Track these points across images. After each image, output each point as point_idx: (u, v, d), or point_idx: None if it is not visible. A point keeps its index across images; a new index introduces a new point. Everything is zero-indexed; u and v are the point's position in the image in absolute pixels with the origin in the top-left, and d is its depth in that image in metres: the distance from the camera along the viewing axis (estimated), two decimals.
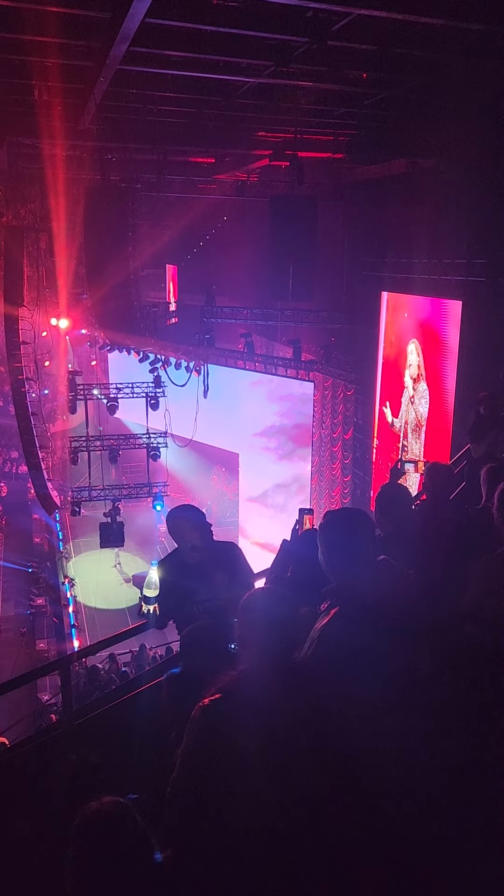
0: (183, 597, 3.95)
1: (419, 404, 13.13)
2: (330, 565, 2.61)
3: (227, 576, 3.93)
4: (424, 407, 12.99)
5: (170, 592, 3.99)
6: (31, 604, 21.70)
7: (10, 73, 9.13)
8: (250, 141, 12.64)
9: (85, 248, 12.47)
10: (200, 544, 3.96)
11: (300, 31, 7.34)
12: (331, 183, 14.09)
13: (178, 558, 4.04)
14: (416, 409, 13.27)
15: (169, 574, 4.02)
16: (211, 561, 3.97)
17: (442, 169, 11.08)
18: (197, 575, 3.95)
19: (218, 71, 8.81)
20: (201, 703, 2.20)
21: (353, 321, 15.45)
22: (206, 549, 3.98)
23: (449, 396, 11.82)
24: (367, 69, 8.74)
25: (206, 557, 3.97)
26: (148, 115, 10.66)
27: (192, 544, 3.95)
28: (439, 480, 4.83)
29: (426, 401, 12.88)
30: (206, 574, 3.94)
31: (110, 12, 6.67)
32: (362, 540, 2.62)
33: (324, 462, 18.23)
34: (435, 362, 12.40)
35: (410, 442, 13.53)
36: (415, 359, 13.04)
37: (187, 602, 3.93)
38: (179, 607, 3.97)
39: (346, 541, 2.60)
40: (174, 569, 4.03)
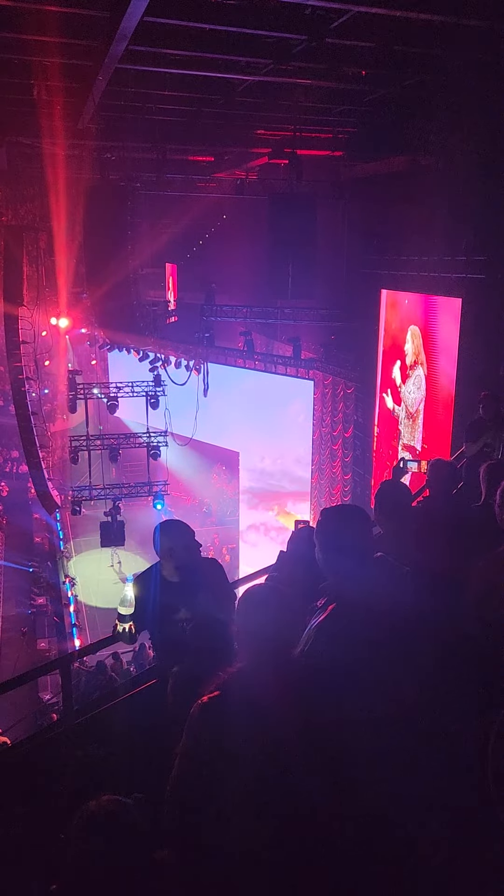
0: (162, 615, 3.79)
1: (413, 391, 13.13)
2: (326, 562, 2.61)
3: (210, 594, 3.78)
4: (417, 393, 12.98)
5: (147, 610, 3.80)
6: (31, 603, 21.73)
7: (10, 72, 9.13)
8: (249, 139, 12.64)
9: (84, 247, 12.47)
10: (186, 563, 3.79)
11: (299, 29, 7.34)
12: (330, 181, 14.07)
13: (158, 574, 3.86)
14: (411, 395, 13.28)
15: (147, 591, 3.82)
16: (194, 579, 3.80)
17: (441, 166, 11.06)
18: (178, 592, 3.78)
19: (217, 69, 8.80)
20: (200, 700, 2.20)
21: (352, 319, 15.45)
22: (190, 566, 3.81)
23: (449, 393, 11.82)
24: (365, 66, 8.74)
25: (190, 575, 3.80)
26: (147, 113, 10.66)
27: (179, 563, 3.77)
28: (442, 477, 4.83)
29: (421, 388, 12.86)
30: (189, 592, 3.79)
31: (109, 11, 6.67)
32: (359, 536, 2.62)
33: (324, 460, 18.23)
34: (434, 356, 12.40)
35: (404, 428, 13.52)
36: (411, 346, 13.02)
37: (166, 621, 3.78)
38: (157, 625, 3.83)
39: (342, 537, 2.59)
40: (153, 585, 3.84)
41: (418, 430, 13.18)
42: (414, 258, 12.52)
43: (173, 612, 3.77)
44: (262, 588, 2.58)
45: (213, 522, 27.76)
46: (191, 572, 3.79)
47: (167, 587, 3.80)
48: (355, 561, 2.53)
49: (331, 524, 2.66)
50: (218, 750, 2.07)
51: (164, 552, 3.79)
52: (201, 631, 3.61)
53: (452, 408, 11.64)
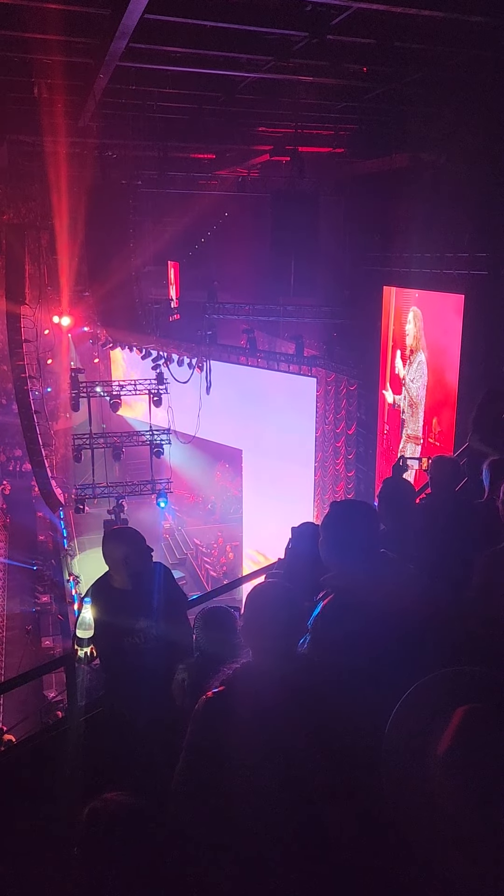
0: (120, 628, 3.66)
1: (416, 378, 13.12)
2: (330, 555, 2.61)
3: (164, 597, 3.72)
4: (420, 380, 12.97)
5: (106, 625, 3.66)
6: (36, 601, 21.78)
7: (11, 70, 9.14)
8: (251, 136, 12.63)
9: (86, 245, 12.48)
10: (141, 569, 3.68)
11: (300, 26, 7.32)
12: (332, 178, 14.07)
13: (109, 587, 3.73)
14: (414, 383, 13.27)
15: (104, 606, 3.67)
16: (147, 586, 3.71)
17: (443, 163, 11.05)
18: (133, 602, 3.67)
19: (218, 66, 8.79)
20: (205, 695, 2.21)
21: (355, 316, 15.43)
22: (145, 573, 3.71)
23: (452, 389, 11.81)
24: (367, 63, 8.73)
25: (142, 583, 3.71)
26: (148, 111, 10.65)
27: (133, 570, 3.64)
28: (445, 473, 4.82)
29: (423, 374, 12.84)
30: (144, 600, 3.68)
31: (110, 9, 6.67)
32: (365, 532, 2.62)
33: (327, 457, 18.23)
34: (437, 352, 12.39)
35: (408, 419, 13.49)
36: (412, 328, 12.98)
37: (126, 632, 3.66)
38: (116, 640, 3.68)
39: (348, 531, 2.59)
40: (108, 599, 3.70)
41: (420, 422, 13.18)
42: (416, 255, 12.51)
43: (132, 622, 3.65)
44: (268, 585, 2.59)
45: (216, 520, 27.79)
46: (145, 579, 3.70)
47: (122, 598, 3.67)
48: (359, 556, 2.54)
49: (338, 518, 2.65)
50: (222, 745, 2.08)
51: (118, 561, 3.65)
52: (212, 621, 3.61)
53: (455, 404, 11.64)
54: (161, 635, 3.67)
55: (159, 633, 3.67)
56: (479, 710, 1.57)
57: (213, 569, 24.02)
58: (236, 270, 18.21)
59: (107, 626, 3.63)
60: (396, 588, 2.60)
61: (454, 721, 1.56)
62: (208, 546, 25.95)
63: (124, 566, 3.65)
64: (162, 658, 3.59)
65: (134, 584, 3.67)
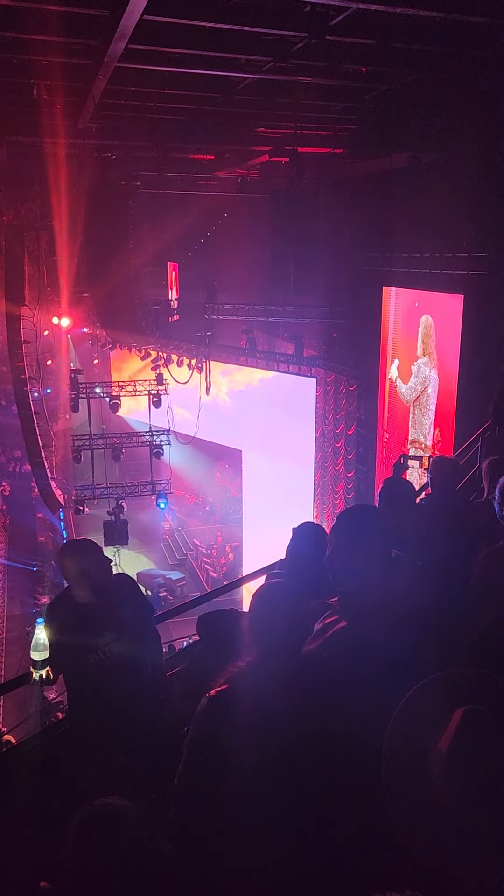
0: (83, 644, 3.53)
1: (415, 386, 13.17)
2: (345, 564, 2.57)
3: (130, 611, 3.61)
4: (418, 389, 13.02)
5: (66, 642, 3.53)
6: (35, 602, 21.75)
7: (9, 71, 9.14)
8: (250, 137, 12.63)
9: (86, 246, 12.46)
10: (100, 583, 3.55)
11: (299, 26, 7.33)
12: (331, 178, 14.07)
13: (70, 602, 3.60)
14: (408, 390, 13.31)
15: (64, 622, 3.55)
16: (109, 598, 3.57)
17: (442, 163, 11.05)
18: (96, 616, 3.53)
19: (217, 67, 8.80)
20: (208, 693, 2.21)
21: (354, 316, 15.44)
22: (105, 586, 3.57)
23: (451, 390, 11.81)
24: (366, 64, 8.73)
25: (105, 595, 3.56)
26: (147, 112, 10.65)
27: (94, 582, 3.52)
28: (445, 473, 4.83)
29: (423, 380, 12.88)
30: (108, 613, 3.54)
31: (108, 10, 6.67)
32: (378, 538, 2.60)
33: (327, 458, 18.23)
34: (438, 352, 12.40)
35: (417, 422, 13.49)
36: (422, 334, 13.00)
37: (89, 649, 3.52)
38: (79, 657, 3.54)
39: (362, 539, 2.55)
40: (69, 615, 3.58)
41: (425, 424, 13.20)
42: (416, 255, 12.51)
43: (95, 637, 3.53)
44: (275, 585, 2.58)
45: (216, 521, 27.81)
46: (107, 591, 3.58)
47: (83, 612, 3.55)
48: (375, 563, 2.51)
49: (351, 526, 2.62)
50: (225, 743, 2.08)
51: (76, 575, 3.54)
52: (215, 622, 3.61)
53: (455, 404, 11.64)
54: (125, 648, 3.54)
55: (123, 646, 3.54)
56: (479, 712, 1.57)
57: (213, 569, 24.02)
58: (236, 271, 18.20)
59: (68, 643, 3.52)
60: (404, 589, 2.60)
61: (454, 722, 1.57)
62: (208, 546, 25.96)
63: (83, 579, 3.53)
64: (127, 671, 3.50)
65: (96, 598, 3.53)
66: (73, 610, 3.56)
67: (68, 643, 3.51)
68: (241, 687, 2.18)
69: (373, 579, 2.47)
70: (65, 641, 3.52)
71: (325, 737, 2.04)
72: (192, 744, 2.22)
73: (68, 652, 3.54)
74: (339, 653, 2.34)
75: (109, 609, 3.55)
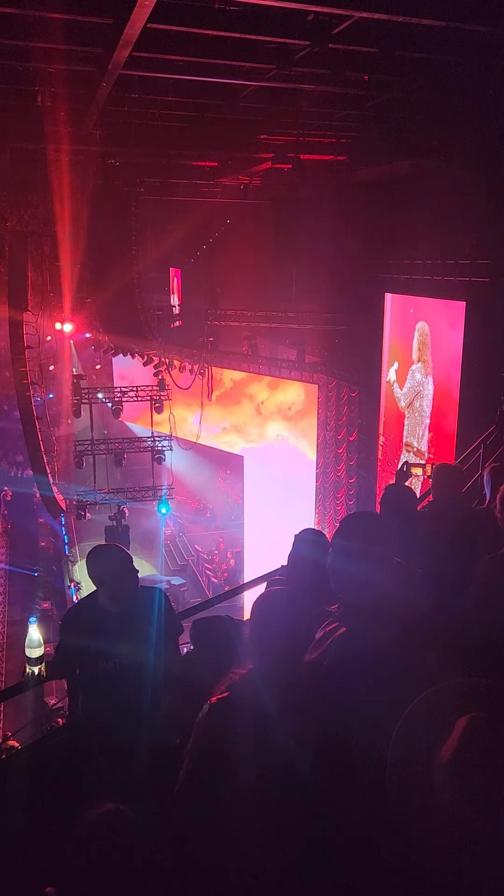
0: (97, 651, 3.45)
1: (409, 392, 13.19)
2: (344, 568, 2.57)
3: (151, 625, 3.48)
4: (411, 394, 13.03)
5: (78, 646, 3.49)
6: (37, 607, 21.71)
7: (14, 79, 9.18)
8: (253, 144, 12.67)
9: (88, 252, 12.52)
10: (124, 592, 3.46)
11: (302, 35, 7.36)
12: (333, 185, 14.10)
13: (93, 606, 3.53)
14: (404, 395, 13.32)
15: (82, 625, 3.51)
16: (133, 610, 3.49)
17: (444, 170, 11.08)
18: (113, 624, 3.45)
19: (220, 74, 8.83)
20: (210, 700, 2.21)
21: (356, 322, 15.46)
22: (130, 596, 3.48)
23: (453, 396, 11.82)
24: (368, 71, 8.76)
25: (128, 606, 3.48)
26: (151, 119, 10.69)
27: (115, 592, 3.45)
28: (447, 480, 4.84)
29: (415, 384, 12.90)
30: (127, 624, 3.45)
31: (112, 18, 6.71)
32: (379, 544, 2.60)
33: (328, 464, 18.23)
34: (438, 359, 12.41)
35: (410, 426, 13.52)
36: (416, 341, 13.03)
37: (102, 656, 3.44)
38: (91, 663, 3.49)
39: (363, 545, 2.55)
40: (88, 618, 3.52)
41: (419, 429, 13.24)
42: (418, 262, 12.54)
43: (110, 646, 3.45)
44: (276, 592, 2.59)
45: (217, 526, 27.79)
46: (131, 601, 3.48)
47: (102, 618, 3.47)
48: (376, 570, 2.51)
49: (353, 533, 2.62)
50: (227, 750, 2.08)
51: (94, 579, 3.50)
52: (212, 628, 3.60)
53: (457, 412, 11.64)
54: (141, 663, 3.43)
55: (140, 660, 3.43)
56: (482, 719, 1.58)
57: (214, 575, 23.99)
58: (238, 277, 18.25)
59: (80, 647, 3.47)
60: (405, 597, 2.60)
61: (457, 729, 1.57)
62: (209, 552, 25.94)
63: (99, 585, 3.48)
64: (140, 687, 3.40)
65: (118, 606, 3.46)
66: (92, 615, 3.51)
67: (79, 647, 3.48)
68: (243, 694, 2.19)
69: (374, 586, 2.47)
70: (76, 645, 3.49)
71: (326, 743, 2.05)
72: (193, 750, 2.22)
73: (78, 656, 3.51)
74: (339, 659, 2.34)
75: (131, 620, 3.46)
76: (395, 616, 2.38)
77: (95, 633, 3.45)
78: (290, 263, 11.77)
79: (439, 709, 1.68)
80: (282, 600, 2.37)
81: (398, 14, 6.63)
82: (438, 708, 1.69)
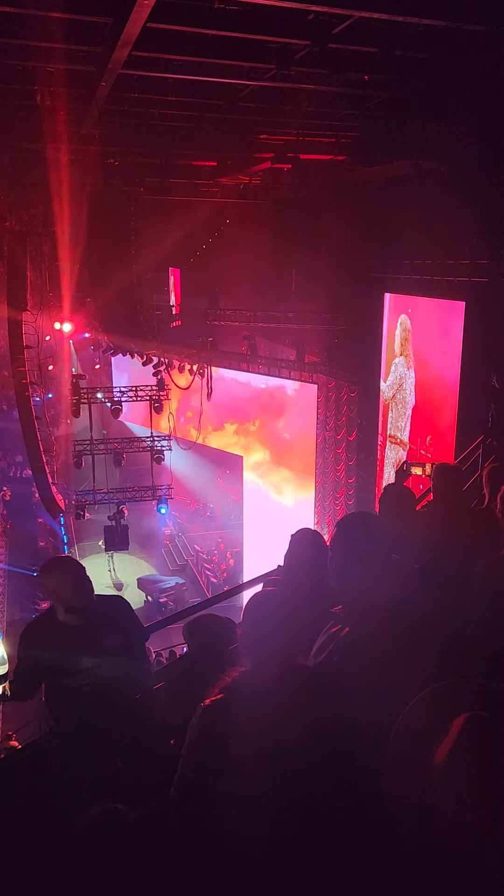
0: (62, 668, 3.35)
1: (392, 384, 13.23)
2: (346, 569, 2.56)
3: (116, 636, 3.40)
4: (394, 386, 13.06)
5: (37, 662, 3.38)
6: (36, 607, 21.67)
7: (13, 78, 9.17)
8: (252, 144, 12.67)
9: (88, 252, 12.51)
10: (81, 604, 3.35)
11: (301, 35, 7.36)
12: (333, 185, 14.10)
13: (51, 622, 3.42)
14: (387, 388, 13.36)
15: (42, 641, 3.39)
16: (94, 622, 3.38)
17: (444, 170, 11.08)
18: (75, 639, 3.34)
19: (220, 74, 8.83)
20: (203, 702, 2.20)
21: (356, 322, 15.47)
22: (88, 609, 3.37)
23: (453, 396, 11.81)
24: (368, 71, 8.75)
25: (89, 618, 3.37)
26: (150, 118, 10.69)
27: (71, 605, 3.34)
28: (447, 480, 4.83)
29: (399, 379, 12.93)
30: (90, 637, 3.35)
31: (112, 17, 6.70)
32: (379, 543, 2.59)
33: (328, 464, 18.23)
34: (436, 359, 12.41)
35: (394, 418, 13.57)
36: (399, 332, 13.06)
37: (69, 673, 3.35)
38: (55, 680, 3.41)
39: (363, 545, 2.55)
40: (48, 634, 3.41)
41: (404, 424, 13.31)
42: (417, 262, 12.54)
43: (74, 661, 3.35)
44: (268, 593, 2.58)
45: (216, 526, 27.78)
46: (89, 614, 3.38)
47: (63, 634, 3.37)
48: (377, 569, 2.50)
49: (352, 533, 2.61)
50: (221, 752, 2.08)
51: (49, 594, 3.41)
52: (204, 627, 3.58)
53: (456, 411, 11.64)
54: (107, 675, 3.36)
55: (105, 673, 3.35)
56: (479, 718, 1.58)
57: (213, 575, 23.99)
58: (237, 277, 18.24)
59: (45, 665, 3.36)
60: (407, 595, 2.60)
61: (454, 727, 1.57)
62: (209, 552, 25.94)
63: (55, 599, 3.38)
64: (108, 698, 3.34)
65: (77, 620, 3.36)
66: (52, 631, 3.40)
67: (38, 663, 3.37)
68: (236, 695, 2.18)
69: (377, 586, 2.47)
70: (34, 660, 3.38)
71: (321, 744, 2.04)
72: (187, 753, 2.22)
73: (38, 673, 3.41)
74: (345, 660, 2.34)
75: (92, 633, 3.36)
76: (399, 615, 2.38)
77: (54, 648, 3.35)
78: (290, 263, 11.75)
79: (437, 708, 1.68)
80: (274, 602, 2.37)
81: (398, 14, 6.63)
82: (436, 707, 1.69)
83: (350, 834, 1.91)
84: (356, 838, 1.89)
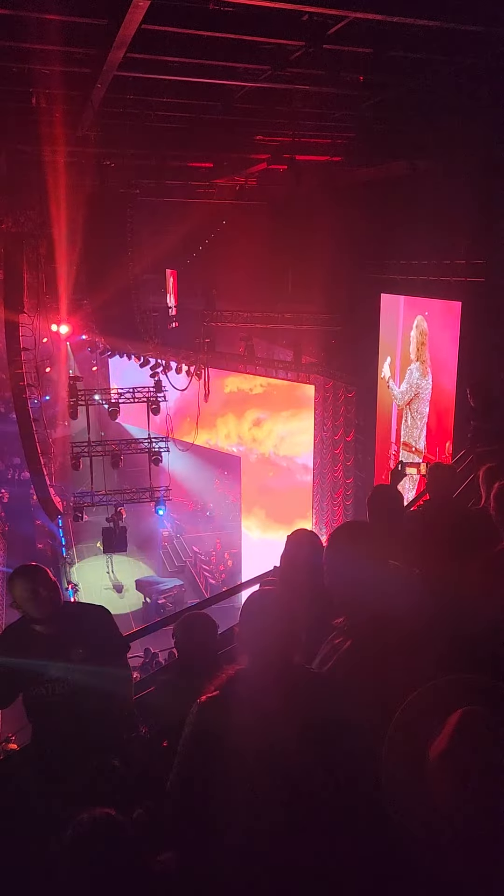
0: (32, 676, 3.29)
1: (407, 391, 13.15)
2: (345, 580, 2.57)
3: (89, 647, 3.30)
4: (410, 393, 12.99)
5: (13, 672, 3.31)
6: None
7: (8, 80, 9.16)
8: (248, 145, 12.67)
9: (85, 254, 12.53)
10: (40, 615, 3.26)
11: (296, 35, 7.34)
12: (329, 185, 14.10)
13: (22, 630, 3.36)
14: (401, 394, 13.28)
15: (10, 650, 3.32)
16: (68, 631, 3.31)
17: (440, 170, 11.10)
18: (43, 647, 3.27)
19: (215, 75, 8.82)
20: (198, 700, 2.21)
21: (353, 323, 15.47)
22: (54, 618, 3.29)
23: (449, 397, 11.82)
24: (364, 72, 8.75)
25: (60, 627, 3.30)
26: (146, 120, 10.68)
27: (31, 615, 3.27)
28: (442, 480, 4.84)
29: (413, 384, 12.85)
30: (60, 647, 3.27)
31: (107, 19, 6.70)
32: (374, 552, 2.61)
33: (325, 464, 18.24)
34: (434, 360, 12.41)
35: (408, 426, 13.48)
36: (415, 334, 12.96)
37: (39, 682, 3.29)
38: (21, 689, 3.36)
39: (362, 557, 2.56)
40: (17, 641, 3.34)
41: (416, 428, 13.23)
42: (413, 262, 12.55)
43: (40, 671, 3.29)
44: (263, 593, 2.60)
45: (214, 528, 27.79)
46: (60, 623, 3.31)
47: (32, 642, 3.31)
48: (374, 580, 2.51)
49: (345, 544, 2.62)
50: (216, 750, 2.08)
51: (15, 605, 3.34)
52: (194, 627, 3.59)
53: (453, 412, 11.65)
54: (84, 685, 3.28)
55: (80, 682, 3.28)
56: (475, 713, 1.58)
57: (211, 576, 24.01)
58: (234, 278, 18.25)
59: (16, 672, 3.30)
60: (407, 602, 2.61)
61: (450, 722, 1.57)
62: (207, 553, 25.95)
63: (20, 609, 3.30)
64: (85, 709, 3.28)
65: (47, 629, 3.30)
66: (23, 638, 3.34)
67: (12, 672, 3.31)
68: (232, 693, 2.20)
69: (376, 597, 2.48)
70: (7, 670, 3.31)
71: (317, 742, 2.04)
72: (183, 750, 2.23)
73: (12, 681, 3.35)
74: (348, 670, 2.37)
75: (63, 642, 3.29)
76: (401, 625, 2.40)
77: (24, 656, 3.29)
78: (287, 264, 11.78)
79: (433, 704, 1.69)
80: (270, 601, 2.38)
81: (393, 14, 6.63)
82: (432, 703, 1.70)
83: (346, 829, 1.92)
84: (352, 834, 1.89)
